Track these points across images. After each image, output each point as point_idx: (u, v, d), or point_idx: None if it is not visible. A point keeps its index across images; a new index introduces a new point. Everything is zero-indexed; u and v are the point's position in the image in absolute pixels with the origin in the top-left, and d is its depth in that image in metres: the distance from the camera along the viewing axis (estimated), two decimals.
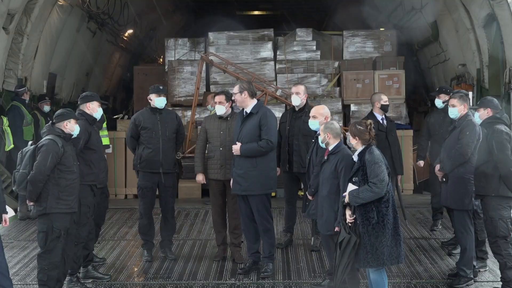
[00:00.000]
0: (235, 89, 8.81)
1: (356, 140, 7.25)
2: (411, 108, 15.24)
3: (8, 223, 7.62)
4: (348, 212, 7.24)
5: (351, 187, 7.16)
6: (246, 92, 8.69)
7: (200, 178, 9.52)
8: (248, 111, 8.72)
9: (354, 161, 7.37)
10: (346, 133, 7.72)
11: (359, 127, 7.27)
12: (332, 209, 7.55)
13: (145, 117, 9.57)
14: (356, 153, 7.31)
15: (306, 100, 9.76)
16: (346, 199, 7.18)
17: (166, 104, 9.81)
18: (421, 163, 11.04)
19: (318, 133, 8.04)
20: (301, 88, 9.68)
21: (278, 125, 9.16)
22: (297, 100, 9.56)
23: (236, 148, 8.49)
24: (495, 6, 10.78)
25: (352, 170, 7.27)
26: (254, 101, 8.79)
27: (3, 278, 7.23)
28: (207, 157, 9.37)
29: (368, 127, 7.27)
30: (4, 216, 7.38)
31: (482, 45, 12.01)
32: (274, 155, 8.86)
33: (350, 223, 7.19)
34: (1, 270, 7.23)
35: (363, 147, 7.24)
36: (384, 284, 7.30)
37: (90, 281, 8.62)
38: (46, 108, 13.05)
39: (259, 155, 8.55)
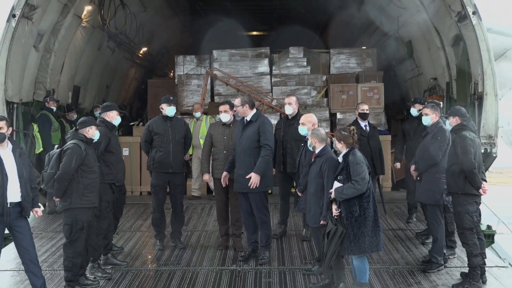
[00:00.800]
0: (237, 102, 8.84)
1: (341, 144, 7.31)
2: (389, 116, 15.23)
3: (39, 214, 7.61)
4: (334, 207, 7.25)
5: (336, 184, 7.19)
6: (247, 105, 8.75)
7: (206, 177, 9.55)
8: (248, 119, 8.75)
9: (338, 162, 7.42)
10: (333, 138, 7.73)
11: (343, 132, 7.34)
12: (318, 205, 7.57)
13: (157, 124, 9.58)
14: (341, 155, 7.34)
15: (298, 109, 9.76)
16: (332, 195, 7.21)
17: (175, 113, 9.84)
18: (398, 164, 11.05)
19: (307, 137, 8.10)
20: (293, 99, 9.69)
21: (274, 131, 9.17)
22: (289, 110, 9.59)
23: (254, 180, 8.45)
24: (462, 28, 10.80)
25: (337, 170, 7.30)
26: (254, 111, 8.83)
27: (32, 265, 7.22)
28: (212, 159, 9.38)
29: (351, 132, 7.35)
30: (36, 209, 7.37)
31: (451, 62, 12.02)
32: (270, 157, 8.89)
33: (336, 216, 7.20)
34: (31, 258, 7.21)
35: (347, 150, 7.29)
36: (365, 269, 7.30)
37: (109, 267, 8.60)
38: (74, 116, 13.08)
39: (269, 161, 8.68)
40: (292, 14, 16.60)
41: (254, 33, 20.62)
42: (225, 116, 9.13)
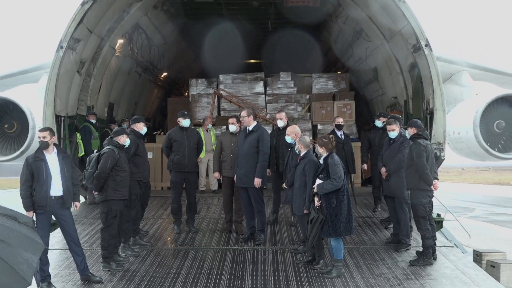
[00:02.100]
0: (244, 114, 8.92)
1: (323, 148, 7.39)
2: (359, 127, 15.22)
3: (78, 208, 7.61)
4: (316, 199, 7.29)
5: (318, 181, 7.24)
6: (251, 116, 8.85)
7: (216, 175, 9.57)
8: (250, 129, 8.79)
9: (318, 164, 7.50)
10: (315, 144, 7.77)
11: (324, 140, 7.46)
12: (302, 197, 7.63)
13: (175, 133, 9.61)
14: (322, 157, 7.39)
15: (288, 122, 9.82)
16: (315, 190, 7.24)
17: (190, 124, 9.88)
18: (365, 166, 11.10)
19: (293, 144, 8.16)
20: (283, 115, 9.75)
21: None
22: (281, 123, 9.64)
23: (257, 182, 8.58)
24: (416, 57, 10.84)
25: (319, 170, 7.35)
26: (255, 122, 8.88)
27: (75, 246, 7.20)
28: (221, 160, 9.39)
29: (330, 140, 7.45)
30: (76, 203, 7.38)
31: (408, 84, 12.05)
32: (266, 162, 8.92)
33: (318, 206, 7.24)
34: (74, 240, 7.21)
35: (327, 153, 7.34)
36: (341, 249, 7.33)
37: (137, 247, 8.61)
38: (115, 127, 13.13)
39: (266, 165, 8.78)
40: (282, 46, 16.66)
41: (252, 61, 20.65)
42: (233, 127, 9.22)
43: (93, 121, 12.55)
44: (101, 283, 7.05)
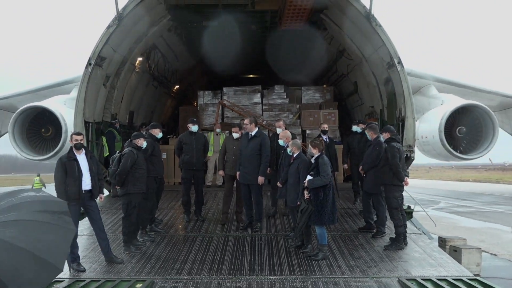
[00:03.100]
0: (247, 121, 8.91)
1: (316, 149, 7.37)
2: (342, 132, 15.22)
3: (103, 199, 7.61)
4: (305, 192, 7.27)
5: (309, 177, 7.22)
6: (253, 123, 8.82)
7: (221, 172, 9.55)
8: (253, 134, 8.74)
9: (310, 163, 7.45)
10: (308, 147, 7.73)
11: (316, 142, 7.48)
12: (295, 191, 7.59)
13: (186, 137, 9.61)
14: (314, 157, 7.37)
15: (285, 128, 9.74)
16: (306, 184, 7.23)
17: (198, 129, 9.85)
18: (345, 165, 11.11)
19: (285, 146, 8.13)
20: (281, 123, 9.57)
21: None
22: (279, 130, 9.37)
23: (261, 180, 8.57)
24: (390, 73, 10.82)
25: (310, 168, 7.33)
26: (256, 128, 8.85)
27: (100, 232, 7.19)
28: (225, 160, 9.35)
29: (321, 142, 7.46)
30: (101, 195, 7.37)
31: (383, 95, 12.04)
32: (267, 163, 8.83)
33: (307, 198, 7.22)
34: (99, 226, 7.19)
35: (319, 154, 7.32)
36: (324, 235, 7.32)
37: (153, 233, 8.59)
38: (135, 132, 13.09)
39: (267, 165, 8.67)
40: (277, 63, 16.63)
41: (251, 75, 20.63)
42: (236, 135, 9.24)
43: (117, 126, 12.55)
44: (122, 264, 7.03)
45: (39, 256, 1.44)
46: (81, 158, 7.05)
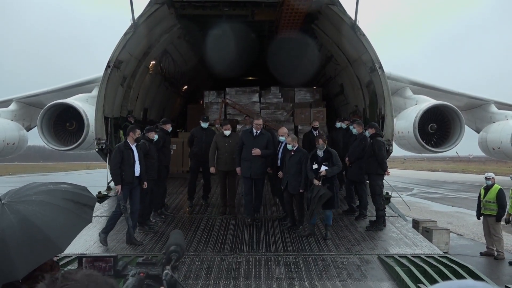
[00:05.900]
0: (260, 122, 8.23)
1: (325, 142, 7.42)
2: (329, 128, 15.17)
3: (146, 186, 7.30)
4: (316, 181, 7.13)
5: (324, 167, 7.13)
6: (263, 122, 8.52)
7: (212, 169, 8.79)
8: (259, 132, 8.16)
9: (314, 155, 7.33)
10: (319, 140, 7.50)
11: (324, 137, 7.60)
12: (297, 181, 7.44)
13: (197, 131, 9.49)
14: (322, 150, 7.30)
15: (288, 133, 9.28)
16: (323, 173, 7.10)
17: (207, 126, 9.67)
18: None
19: (283, 141, 8.00)
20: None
21: None
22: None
23: (257, 151, 7.92)
24: (372, 76, 10.76)
25: (321, 159, 7.22)
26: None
27: (132, 214, 7.09)
28: (216, 157, 8.77)
29: (326, 136, 7.75)
30: (145, 182, 7.23)
31: (366, 96, 11.98)
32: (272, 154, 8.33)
33: (322, 186, 7.09)
34: (136, 206, 7.17)
35: (326, 147, 7.35)
36: (331, 216, 7.41)
37: (163, 215, 8.54)
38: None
39: (270, 155, 8.14)
40: (273, 66, 16.53)
41: (250, 78, 20.53)
42: (227, 132, 8.67)
43: (132, 121, 12.41)
44: (141, 245, 6.97)
45: (48, 234, 1.40)
46: (135, 149, 7.08)
